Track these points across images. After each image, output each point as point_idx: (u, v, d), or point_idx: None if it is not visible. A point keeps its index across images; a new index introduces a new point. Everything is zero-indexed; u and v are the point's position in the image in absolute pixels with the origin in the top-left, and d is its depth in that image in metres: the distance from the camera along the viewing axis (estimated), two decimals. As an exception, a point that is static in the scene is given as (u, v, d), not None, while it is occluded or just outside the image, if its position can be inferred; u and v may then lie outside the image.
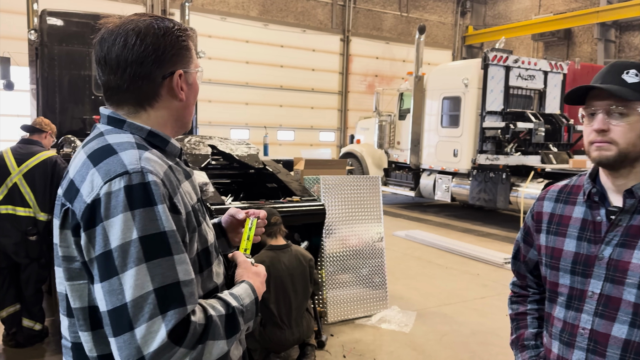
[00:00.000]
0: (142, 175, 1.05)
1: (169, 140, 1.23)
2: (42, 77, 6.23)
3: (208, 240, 1.25)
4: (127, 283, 0.99)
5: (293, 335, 3.59)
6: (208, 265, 1.24)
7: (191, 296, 1.05)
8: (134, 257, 1.00)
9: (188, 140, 4.80)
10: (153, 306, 0.99)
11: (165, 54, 1.18)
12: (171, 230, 1.05)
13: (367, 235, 5.02)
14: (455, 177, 10.56)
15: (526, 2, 18.53)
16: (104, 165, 1.08)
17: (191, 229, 1.16)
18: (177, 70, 1.21)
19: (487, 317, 5.06)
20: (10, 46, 11.26)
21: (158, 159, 1.13)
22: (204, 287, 1.22)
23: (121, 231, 1.01)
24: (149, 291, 0.99)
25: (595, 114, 1.35)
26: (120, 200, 1.02)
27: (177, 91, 1.22)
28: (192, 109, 1.30)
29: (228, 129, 15.48)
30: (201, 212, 1.27)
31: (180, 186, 1.17)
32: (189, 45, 1.24)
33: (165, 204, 1.06)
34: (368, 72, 18.23)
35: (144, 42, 1.16)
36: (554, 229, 1.48)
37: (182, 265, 1.05)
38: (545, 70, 10.33)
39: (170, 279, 1.02)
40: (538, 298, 1.65)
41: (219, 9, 15.37)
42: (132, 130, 1.19)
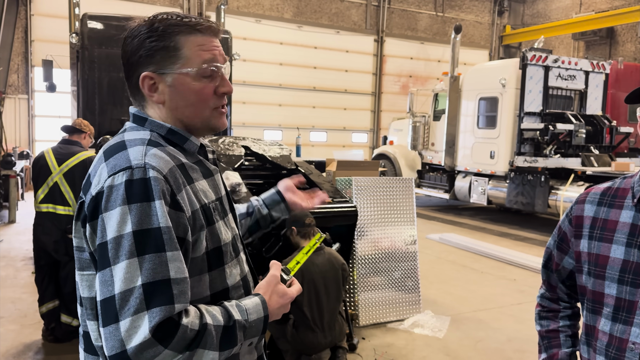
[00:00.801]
0: (144, 171, 1.06)
1: (188, 137, 1.23)
2: (83, 79, 6.40)
3: (222, 240, 1.22)
4: (117, 275, 1.00)
5: (325, 338, 3.56)
6: (219, 265, 1.21)
7: (181, 295, 1.03)
8: (126, 250, 1.01)
9: (222, 141, 4.84)
10: (139, 301, 0.98)
11: (132, 56, 1.19)
12: (166, 226, 1.04)
13: (400, 238, 4.96)
14: (491, 180, 10.34)
15: (566, 1, 18.01)
16: (112, 160, 1.11)
17: (198, 227, 1.14)
18: (144, 73, 1.18)
19: (524, 323, 4.91)
20: (52, 49, 11.67)
21: (166, 156, 1.13)
22: (212, 287, 1.19)
23: (117, 224, 1.02)
24: (137, 285, 0.99)
25: None
26: (120, 193, 1.04)
27: (146, 94, 1.21)
28: (189, 111, 1.22)
29: (261, 130, 15.61)
30: (219, 210, 1.24)
31: (191, 184, 1.17)
32: (170, 44, 1.18)
33: (164, 200, 1.06)
34: (402, 73, 18.08)
35: (125, 45, 1.21)
36: (598, 235, 1.38)
37: (175, 263, 1.04)
38: (586, 70, 10.01)
39: (160, 275, 1.01)
40: (570, 313, 1.55)
41: (254, 12, 15.53)
42: (153, 128, 1.20)
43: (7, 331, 4.35)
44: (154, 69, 1.19)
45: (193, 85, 1.20)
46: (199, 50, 1.20)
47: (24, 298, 5.14)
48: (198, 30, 1.20)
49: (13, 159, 9.30)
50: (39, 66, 12.34)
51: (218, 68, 1.22)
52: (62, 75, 10.04)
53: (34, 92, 13.64)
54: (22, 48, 13.41)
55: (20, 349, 4.06)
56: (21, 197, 10.48)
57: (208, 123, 1.25)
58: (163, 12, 1.24)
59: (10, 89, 13.26)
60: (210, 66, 1.21)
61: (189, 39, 1.20)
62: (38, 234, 4.14)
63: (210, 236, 1.18)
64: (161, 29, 1.18)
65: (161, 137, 1.19)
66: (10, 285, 5.55)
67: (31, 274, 5.82)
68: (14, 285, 5.56)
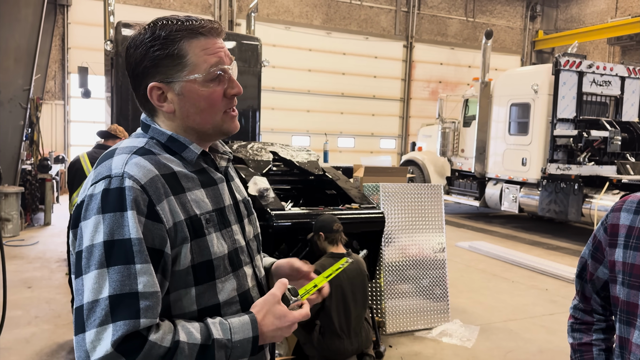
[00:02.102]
0: (120, 180, 1.05)
1: (187, 145, 1.18)
2: (117, 86, 6.56)
3: (213, 253, 1.14)
4: (87, 285, 0.99)
5: (352, 345, 3.54)
6: (209, 280, 1.14)
7: (149, 310, 0.99)
8: (96, 260, 0.99)
9: (251, 147, 4.89)
10: (104, 313, 0.96)
11: (137, 67, 1.16)
12: (137, 238, 1.01)
13: (428, 245, 4.90)
14: (523, 187, 10.13)
15: (601, 5, 17.58)
16: (98, 168, 1.11)
17: (179, 239, 1.09)
18: (151, 84, 1.15)
19: (556, 334, 4.78)
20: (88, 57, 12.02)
21: (149, 165, 1.09)
22: (199, 302, 1.13)
23: (90, 233, 1.02)
24: (103, 297, 0.97)
25: None
26: (97, 202, 1.04)
27: (155, 104, 1.17)
28: (200, 118, 1.18)
29: (289, 136, 15.70)
30: (215, 222, 1.17)
31: (180, 194, 1.12)
32: (170, 52, 1.14)
33: (137, 210, 1.03)
34: (431, 79, 17.94)
35: (128, 55, 1.18)
36: (634, 244, 1.33)
37: (144, 277, 1.00)
38: (622, 75, 9.74)
39: (127, 287, 0.98)
40: (604, 326, 1.50)
41: (284, 19, 15.67)
42: (154, 135, 1.19)
43: (41, 331, 4.47)
44: (161, 79, 1.15)
45: (202, 92, 1.17)
46: (204, 54, 1.16)
47: (58, 299, 5.28)
48: (201, 33, 1.16)
49: (49, 162, 9.60)
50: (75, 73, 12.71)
51: (225, 70, 1.18)
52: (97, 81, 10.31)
53: (70, 98, 14.06)
54: (59, 55, 13.84)
55: (54, 348, 4.17)
56: (56, 200, 10.79)
57: (220, 128, 1.21)
58: (163, 16, 1.20)
59: (47, 95, 13.70)
60: (218, 69, 1.17)
61: (193, 44, 1.16)
62: (72, 236, 4.25)
63: (198, 249, 1.12)
64: (163, 36, 1.14)
65: (160, 145, 1.17)
66: (45, 286, 5.71)
67: (65, 275, 5.98)
68: (48, 286, 5.72)
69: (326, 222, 3.61)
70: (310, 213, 3.91)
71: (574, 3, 18.67)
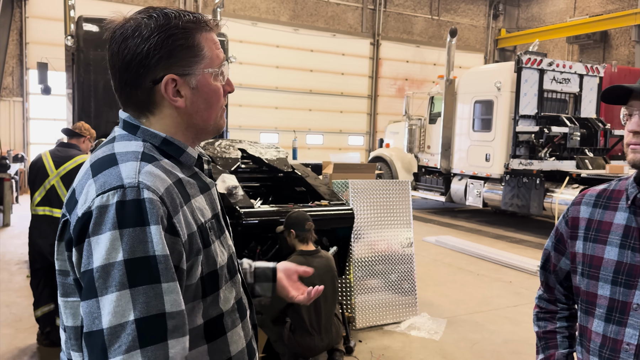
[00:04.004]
0: (137, 191, 0.96)
1: (184, 149, 1.12)
2: (78, 82, 6.39)
3: (217, 263, 1.11)
4: (106, 308, 0.90)
5: (322, 341, 3.56)
6: (214, 290, 1.11)
7: (176, 330, 0.94)
8: (116, 281, 0.91)
9: (218, 144, 4.84)
10: (132, 338, 0.89)
11: (150, 57, 1.05)
12: (163, 255, 0.94)
13: (397, 241, 4.97)
14: (487, 182, 10.37)
15: (561, 4, 18.12)
16: (101, 176, 1.00)
17: (194, 251, 1.04)
18: (167, 75, 1.07)
19: (520, 325, 4.93)
20: (47, 52, 11.65)
21: (161, 173, 1.02)
22: (206, 314, 1.10)
23: (106, 251, 0.92)
24: (129, 320, 0.90)
25: (633, 114, 1.28)
26: (110, 216, 0.94)
27: (168, 98, 1.09)
28: (207, 114, 1.14)
29: (258, 133, 15.61)
30: (215, 229, 1.14)
31: (188, 203, 1.06)
32: (191, 43, 1.09)
33: (161, 224, 0.96)
34: (398, 76, 18.12)
35: (127, 46, 1.06)
36: (593, 236, 1.39)
37: (171, 295, 0.94)
38: (580, 73, 10.08)
39: (155, 309, 0.92)
40: (567, 314, 1.57)
41: (250, 15, 15.54)
42: (146, 137, 1.09)
43: (2, 335, 4.33)
44: (178, 71, 1.08)
45: (213, 86, 1.13)
46: (215, 49, 1.13)
47: (19, 302, 5.12)
48: (210, 27, 1.13)
49: (8, 162, 9.27)
50: (34, 69, 12.31)
51: (226, 67, 1.17)
52: (57, 77, 10.02)
53: (29, 94, 13.59)
54: (17, 50, 13.37)
55: (15, 353, 4.04)
56: (16, 200, 10.43)
57: (217, 125, 1.18)
58: (159, 7, 1.13)
59: (4, 92, 13.21)
60: (223, 65, 1.15)
61: (206, 37, 1.12)
62: (34, 237, 4.13)
63: (206, 260, 1.08)
64: (181, 26, 1.08)
65: (155, 149, 1.09)
66: (5, 289, 5.53)
67: (26, 277, 5.80)
68: (8, 289, 5.53)
69: (299, 219, 3.62)
70: (279, 210, 3.91)
71: (534, 2, 19.17)
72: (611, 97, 1.33)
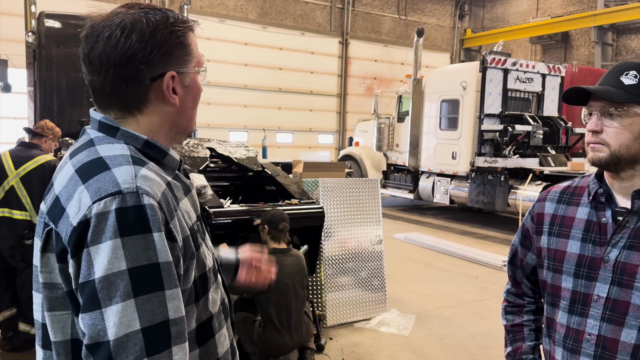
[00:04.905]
0: (137, 197, 0.93)
1: (167, 151, 1.11)
2: (40, 80, 6.20)
3: (206, 265, 1.12)
4: (111, 319, 0.88)
5: (292, 340, 3.57)
6: (205, 293, 1.12)
7: (178, 336, 0.94)
8: (121, 291, 0.89)
9: (186, 143, 4.78)
10: (139, 347, 0.89)
11: (153, 53, 1.04)
12: (167, 262, 0.94)
13: (366, 238, 5.01)
14: (453, 180, 10.56)
15: (524, 6, 18.57)
16: (94, 182, 0.95)
17: (188, 255, 1.04)
18: (169, 72, 1.06)
19: (486, 319, 5.04)
20: (7, 48, 11.24)
21: (156, 177, 1.01)
22: (198, 318, 1.10)
23: (108, 260, 0.89)
24: (135, 330, 0.89)
25: (592, 114, 1.33)
26: (110, 224, 0.91)
27: (167, 95, 1.07)
28: (191, 113, 1.15)
29: (227, 132, 15.47)
30: (200, 232, 1.14)
31: (179, 206, 1.05)
32: (186, 41, 1.09)
33: (163, 230, 0.95)
34: (367, 75, 18.24)
35: (129, 40, 1.02)
36: (557, 231, 1.44)
37: (174, 302, 0.94)
38: (543, 73, 10.35)
39: (160, 317, 0.92)
40: (534, 308, 1.61)
41: (218, 12, 15.38)
42: (127, 140, 1.06)
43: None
44: (176, 68, 1.08)
45: (199, 85, 1.15)
46: (197, 49, 1.14)
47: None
48: (192, 27, 1.13)
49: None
50: (-8, 65, 11.87)
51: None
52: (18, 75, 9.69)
53: (-13, 92, 13.09)
54: (-26, 46, 12.87)
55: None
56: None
57: (194, 125, 1.20)
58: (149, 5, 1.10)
59: (-39, 89, 12.70)
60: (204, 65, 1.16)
61: (192, 37, 1.13)
62: (-7, 239, 3.99)
63: (197, 263, 1.08)
64: (178, 23, 1.08)
65: (139, 151, 1.06)
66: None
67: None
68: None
69: (274, 217, 3.63)
70: (249, 210, 3.89)
71: (499, 3, 19.59)
72: (572, 98, 1.38)
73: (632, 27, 15.65)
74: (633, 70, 1.29)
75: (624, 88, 1.28)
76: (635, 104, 1.27)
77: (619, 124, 1.29)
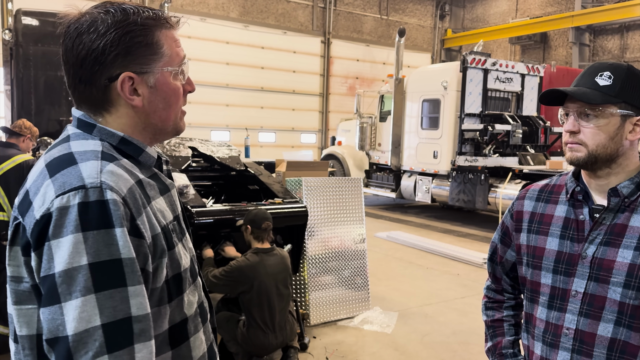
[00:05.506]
0: (100, 192, 0.93)
1: (143, 149, 1.10)
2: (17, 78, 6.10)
3: (181, 265, 1.10)
4: (70, 314, 0.87)
5: (276, 339, 3.57)
6: (179, 294, 1.10)
7: (142, 334, 0.93)
8: (81, 286, 0.88)
9: (168, 142, 4.75)
10: (99, 344, 0.87)
11: (106, 54, 1.02)
12: (129, 257, 0.93)
13: (349, 237, 5.03)
14: (435, 179, 10.65)
15: (503, 6, 18.82)
16: (60, 176, 0.95)
17: (159, 253, 1.03)
18: (124, 73, 1.04)
19: (468, 316, 5.11)
20: (-17, 46, 11.00)
21: (124, 173, 1.00)
22: (171, 319, 1.08)
23: (69, 254, 0.89)
24: (95, 326, 0.88)
25: (569, 115, 1.36)
26: (72, 218, 0.90)
27: (125, 97, 1.06)
28: (166, 114, 1.11)
29: (208, 131, 15.37)
30: (177, 232, 1.12)
31: (150, 204, 1.04)
32: (150, 40, 1.06)
33: (126, 226, 0.94)
34: (349, 75, 18.29)
35: (82, 41, 1.02)
36: (536, 228, 1.47)
37: (137, 298, 0.93)
38: (522, 73, 10.50)
39: (122, 313, 0.90)
40: (514, 304, 1.65)
41: (199, 10, 15.27)
42: (103, 137, 1.06)
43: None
44: (135, 69, 1.05)
45: (173, 85, 1.11)
46: (175, 47, 1.11)
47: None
48: (170, 24, 1.11)
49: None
50: (-33, 63, 11.62)
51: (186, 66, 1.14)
52: (-6, 73, 9.49)
53: (-38, 90, 12.81)
54: (-52, 44, 12.57)
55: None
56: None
57: (176, 126, 1.16)
58: (117, 1, 1.08)
59: None
60: (183, 64, 1.13)
61: (166, 34, 1.09)
62: (-30, 240, 3.91)
63: (171, 262, 1.07)
64: (140, 22, 1.05)
65: (113, 148, 1.06)
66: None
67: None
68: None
69: (257, 217, 3.62)
70: (232, 209, 3.88)
71: (479, 4, 19.81)
72: (549, 99, 1.41)
73: (608, 28, 15.97)
74: (607, 71, 1.33)
75: (599, 89, 1.32)
76: (611, 105, 1.31)
77: (595, 125, 1.32)
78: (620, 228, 1.32)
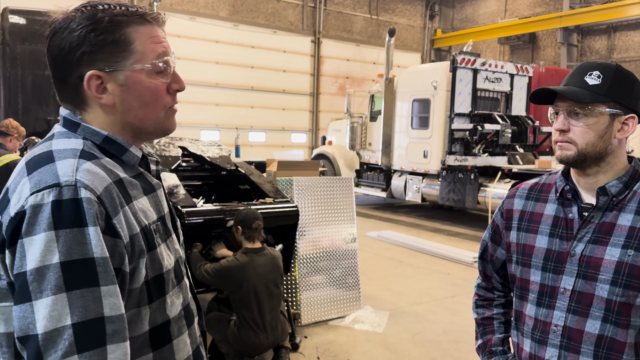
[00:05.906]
0: (74, 190, 0.92)
1: (127, 148, 1.09)
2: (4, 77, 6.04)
3: (163, 267, 1.08)
4: (40, 312, 0.87)
5: (268, 339, 3.56)
6: (160, 295, 1.08)
7: (115, 335, 0.92)
8: (52, 284, 0.87)
9: (157, 142, 4.72)
10: (69, 343, 0.86)
11: (70, 54, 1.02)
12: (102, 257, 0.92)
13: (340, 237, 5.04)
14: (425, 178, 10.70)
15: (492, 7, 18.93)
16: (37, 174, 0.95)
17: (137, 254, 1.02)
18: (90, 72, 1.03)
19: (458, 315, 5.13)
20: (-31, 45, 10.87)
21: (101, 171, 0.99)
22: (152, 321, 1.07)
23: (40, 252, 0.88)
24: (66, 325, 0.87)
25: (559, 113, 1.38)
26: (45, 216, 0.90)
27: (92, 95, 1.05)
28: (142, 113, 1.09)
29: (198, 130, 15.30)
30: (161, 232, 1.11)
31: (130, 204, 1.03)
32: (115, 37, 1.04)
33: (99, 225, 0.93)
34: (339, 74, 18.30)
35: (54, 41, 1.04)
36: (525, 226, 1.48)
37: (110, 299, 0.92)
38: (511, 73, 10.58)
39: (93, 313, 0.89)
40: (504, 302, 1.66)
41: (188, 9, 15.19)
42: (87, 135, 1.06)
43: None
44: (102, 67, 1.04)
45: (148, 83, 1.08)
46: (151, 43, 1.08)
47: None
48: (147, 20, 1.08)
49: None
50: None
51: (170, 63, 1.11)
52: (-20, 72, 9.38)
53: (-53, 90, 12.64)
54: None
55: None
56: None
57: (161, 125, 1.13)
58: (103, 1, 1.07)
59: None
60: (163, 61, 1.10)
61: (139, 31, 1.07)
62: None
63: (151, 263, 1.05)
64: (107, 20, 1.04)
65: (96, 147, 1.05)
66: None
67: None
68: None
69: (247, 217, 3.61)
70: (223, 209, 3.87)
71: (468, 4, 19.92)
72: (539, 98, 1.43)
73: (596, 29, 16.14)
74: (596, 71, 1.34)
75: (588, 88, 1.33)
76: (600, 104, 1.33)
77: (585, 124, 1.34)
78: (608, 226, 1.34)
